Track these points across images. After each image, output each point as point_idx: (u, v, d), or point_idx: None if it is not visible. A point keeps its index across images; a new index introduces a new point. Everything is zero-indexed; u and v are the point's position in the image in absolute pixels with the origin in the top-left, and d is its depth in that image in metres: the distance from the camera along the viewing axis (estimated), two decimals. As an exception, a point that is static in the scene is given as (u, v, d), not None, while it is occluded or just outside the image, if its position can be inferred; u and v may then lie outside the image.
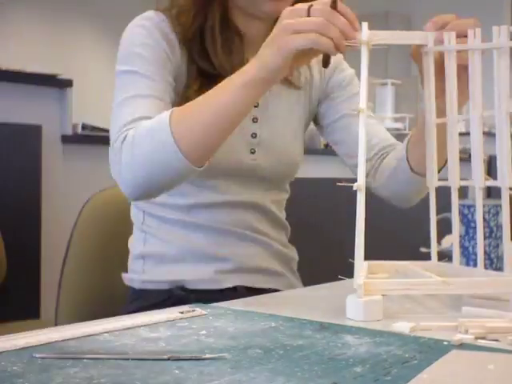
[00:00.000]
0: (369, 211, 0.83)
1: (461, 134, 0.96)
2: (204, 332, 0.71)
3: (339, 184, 0.85)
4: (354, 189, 0.82)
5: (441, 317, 0.81)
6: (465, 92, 0.92)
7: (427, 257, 1.01)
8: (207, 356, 0.60)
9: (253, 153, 1.19)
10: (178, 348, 0.64)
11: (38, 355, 0.60)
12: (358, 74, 0.88)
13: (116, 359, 0.60)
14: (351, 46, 0.88)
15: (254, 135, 1.19)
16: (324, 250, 3.28)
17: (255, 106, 1.18)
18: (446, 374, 0.57)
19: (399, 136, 4.25)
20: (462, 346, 0.66)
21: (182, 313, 0.79)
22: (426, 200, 1.06)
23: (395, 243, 3.02)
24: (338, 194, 2.75)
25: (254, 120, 1.20)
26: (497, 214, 1.13)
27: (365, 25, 0.88)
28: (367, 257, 0.86)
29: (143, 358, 0.60)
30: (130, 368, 0.57)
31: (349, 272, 0.91)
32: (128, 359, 0.60)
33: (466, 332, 0.70)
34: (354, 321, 0.78)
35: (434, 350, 0.64)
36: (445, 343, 0.67)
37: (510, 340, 0.67)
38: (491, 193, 1.08)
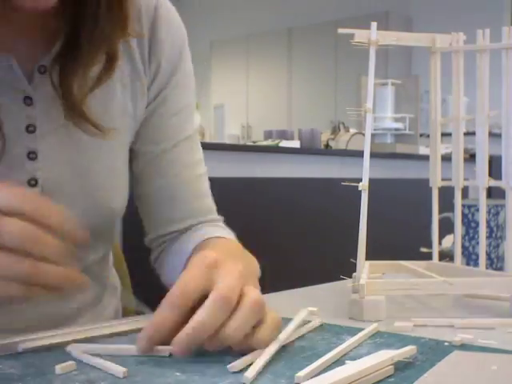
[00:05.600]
0: (369, 211, 0.83)
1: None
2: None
3: (344, 184, 0.85)
4: (360, 189, 0.82)
5: (442, 317, 0.81)
6: None
7: (427, 257, 1.01)
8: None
9: None
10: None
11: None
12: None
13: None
14: (358, 44, 0.87)
15: (32, 182, 0.78)
16: (324, 250, 3.28)
17: (30, 131, 0.78)
18: (449, 375, 0.56)
19: (399, 136, 4.22)
20: (463, 346, 0.66)
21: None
22: (425, 200, 1.06)
23: (395, 243, 3.02)
24: (338, 193, 2.75)
25: (31, 156, 0.78)
26: (497, 214, 1.13)
27: (373, 25, 0.87)
28: (367, 256, 0.86)
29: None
30: (130, 370, 0.57)
31: (349, 272, 0.91)
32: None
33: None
34: (355, 321, 0.78)
35: (435, 350, 0.64)
36: (446, 344, 0.67)
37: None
38: (491, 193, 1.08)
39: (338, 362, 0.60)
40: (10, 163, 0.76)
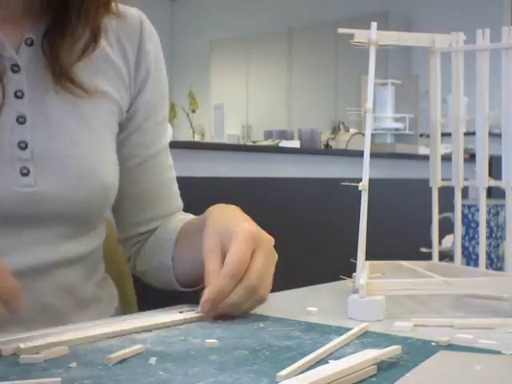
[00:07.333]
0: (369, 211, 0.83)
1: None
2: (191, 332, 0.71)
3: (344, 184, 0.85)
4: (360, 189, 0.82)
5: (442, 317, 0.81)
6: None
7: (427, 257, 1.02)
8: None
9: (25, 174, 0.78)
10: (163, 349, 0.64)
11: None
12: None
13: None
14: (358, 44, 0.87)
15: (22, 145, 0.79)
16: (324, 250, 3.28)
17: (18, 97, 0.80)
18: (431, 375, 0.56)
19: (399, 136, 4.20)
20: (450, 346, 0.65)
21: (181, 312, 0.78)
22: (426, 200, 1.06)
23: (395, 243, 3.02)
24: (338, 193, 2.75)
25: (20, 120, 0.80)
26: (497, 214, 1.13)
27: (373, 25, 0.87)
28: (367, 256, 0.86)
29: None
30: (113, 369, 0.57)
31: (349, 272, 0.91)
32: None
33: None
34: (355, 321, 0.78)
35: (421, 350, 0.64)
36: (432, 344, 0.66)
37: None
38: (491, 193, 1.08)
39: (322, 361, 0.59)
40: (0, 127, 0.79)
